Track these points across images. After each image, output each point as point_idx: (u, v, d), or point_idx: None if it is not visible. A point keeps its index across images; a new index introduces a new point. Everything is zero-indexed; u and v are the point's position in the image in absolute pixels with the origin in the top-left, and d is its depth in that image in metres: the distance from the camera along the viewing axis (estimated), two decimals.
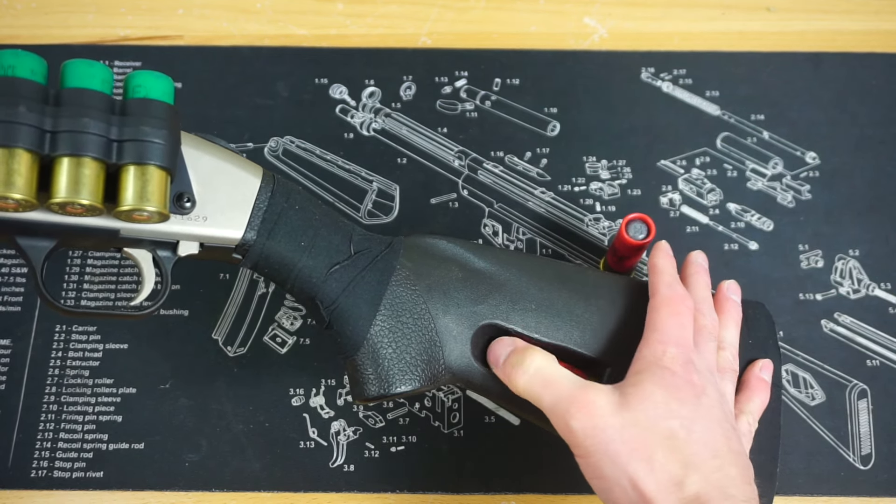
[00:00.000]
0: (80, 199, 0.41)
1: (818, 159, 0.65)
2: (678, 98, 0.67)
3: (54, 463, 0.56)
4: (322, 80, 0.67)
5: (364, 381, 0.48)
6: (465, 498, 0.56)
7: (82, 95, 0.42)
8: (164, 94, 0.44)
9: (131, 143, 0.42)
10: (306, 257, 0.48)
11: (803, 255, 0.62)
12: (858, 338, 0.60)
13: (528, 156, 0.65)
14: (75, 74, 0.43)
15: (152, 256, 0.48)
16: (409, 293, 0.49)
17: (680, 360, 0.46)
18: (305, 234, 0.48)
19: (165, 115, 0.44)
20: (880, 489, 0.56)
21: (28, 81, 0.41)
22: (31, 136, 0.40)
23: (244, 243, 0.47)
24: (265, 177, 0.48)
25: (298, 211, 0.49)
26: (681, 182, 0.64)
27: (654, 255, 0.52)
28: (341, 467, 0.57)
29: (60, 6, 0.69)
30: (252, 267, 0.49)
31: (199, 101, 0.66)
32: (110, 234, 0.45)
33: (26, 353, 0.59)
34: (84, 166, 0.41)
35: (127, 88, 0.44)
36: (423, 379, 0.48)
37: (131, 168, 0.43)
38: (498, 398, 0.51)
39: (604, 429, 0.43)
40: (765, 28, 0.70)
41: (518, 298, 0.50)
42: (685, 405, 0.44)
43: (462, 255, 0.51)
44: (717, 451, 0.43)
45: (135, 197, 0.43)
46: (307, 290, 0.49)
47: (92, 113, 0.42)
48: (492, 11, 0.70)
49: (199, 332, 0.60)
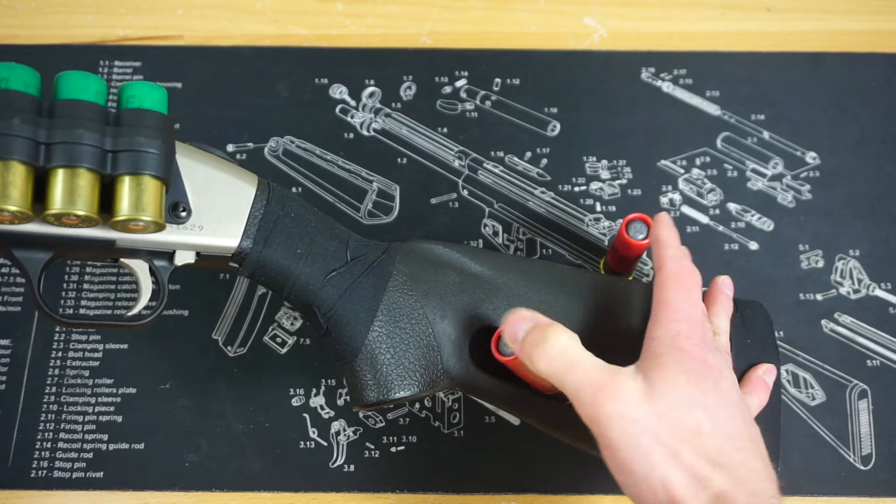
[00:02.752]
0: (76, 209, 0.41)
1: (818, 159, 0.65)
2: (678, 98, 0.67)
3: (54, 463, 0.56)
4: (322, 80, 0.67)
5: (363, 387, 0.48)
6: (465, 498, 0.56)
7: (76, 107, 0.42)
8: (157, 104, 0.44)
9: (126, 153, 0.43)
10: (303, 264, 0.48)
11: (803, 255, 0.62)
12: (859, 338, 0.60)
13: (528, 156, 0.65)
14: (69, 86, 0.43)
15: (149, 266, 0.48)
16: (406, 298, 0.49)
17: (694, 339, 0.44)
18: (301, 241, 0.48)
19: (160, 124, 0.44)
20: (881, 489, 0.56)
21: (22, 94, 0.41)
22: (25, 148, 0.41)
23: (240, 252, 0.47)
24: (260, 185, 0.48)
25: (294, 218, 0.49)
26: (681, 182, 0.64)
27: (657, 227, 0.51)
28: (341, 467, 0.57)
29: (60, 6, 0.69)
30: (249, 275, 0.49)
31: (199, 101, 0.66)
32: (106, 245, 0.45)
33: (26, 353, 0.59)
34: (79, 177, 0.42)
35: (121, 99, 0.44)
36: (421, 384, 0.48)
37: (126, 178, 0.43)
38: (497, 402, 0.51)
39: (633, 420, 0.41)
40: (765, 28, 0.70)
41: (515, 302, 0.50)
42: (707, 393, 0.43)
43: (458, 260, 0.51)
44: (741, 444, 0.42)
45: (130, 207, 0.43)
46: (304, 298, 0.49)
47: (86, 124, 0.42)
48: (492, 11, 0.70)
49: (199, 332, 0.60)
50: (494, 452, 0.57)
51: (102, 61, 0.67)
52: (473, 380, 0.49)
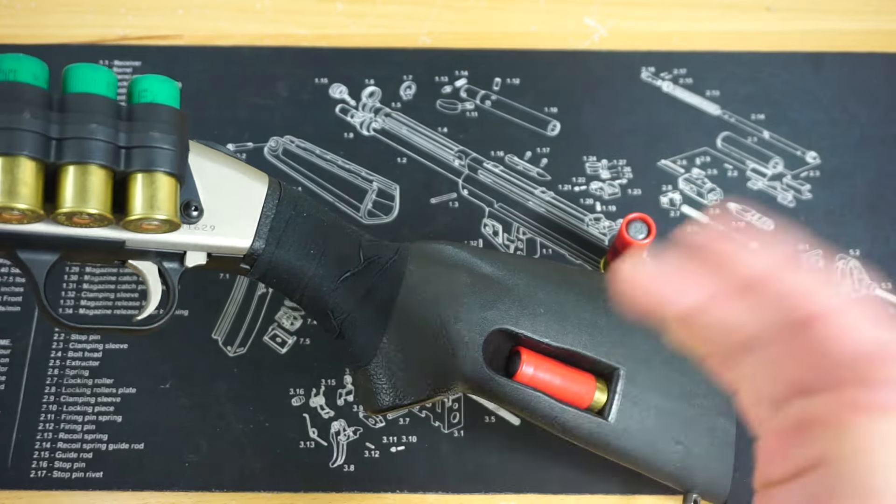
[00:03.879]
0: (88, 208, 0.40)
1: (819, 159, 0.65)
2: (678, 98, 0.67)
3: (54, 463, 0.56)
4: (322, 80, 0.67)
5: (377, 392, 0.47)
6: (465, 498, 0.56)
7: (88, 100, 0.40)
8: (170, 98, 0.43)
9: (140, 149, 0.41)
10: (316, 266, 0.47)
11: (804, 255, 0.62)
12: None
13: (528, 155, 0.65)
14: (80, 79, 0.41)
15: (158, 269, 0.46)
16: (419, 300, 0.48)
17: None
18: (315, 242, 0.47)
19: (174, 120, 0.42)
20: None
21: (31, 86, 0.39)
22: (36, 143, 0.39)
23: (252, 252, 0.46)
24: (271, 184, 0.47)
25: (307, 218, 0.47)
26: (681, 182, 0.64)
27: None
28: (341, 467, 0.57)
29: (60, 6, 0.69)
30: (260, 277, 0.48)
31: (199, 101, 0.66)
32: (116, 246, 0.44)
33: (26, 353, 0.59)
34: (91, 174, 0.40)
35: (132, 93, 0.43)
36: (436, 387, 0.47)
37: (139, 175, 0.41)
38: (511, 406, 0.50)
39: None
40: (765, 28, 0.70)
41: (527, 303, 0.49)
42: None
43: (469, 261, 0.50)
44: None
45: (144, 205, 0.41)
46: (318, 300, 0.48)
47: (99, 118, 0.40)
48: (492, 11, 0.70)
49: (199, 332, 0.60)
50: (495, 452, 0.57)
51: (102, 61, 0.67)
52: (488, 383, 0.48)
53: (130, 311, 0.60)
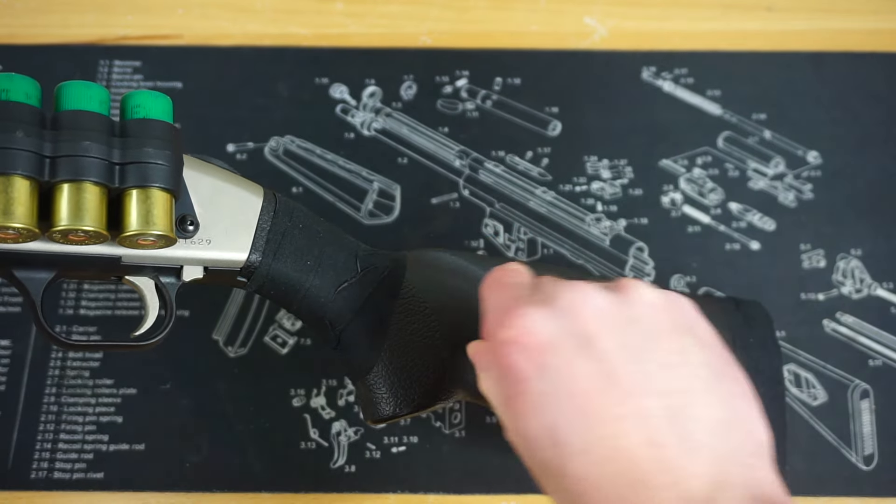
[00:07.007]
0: (84, 225, 0.40)
1: (820, 158, 0.65)
2: (679, 97, 0.67)
3: (54, 464, 0.56)
4: (322, 80, 0.67)
5: (378, 401, 0.47)
6: (466, 498, 0.56)
7: (81, 118, 0.40)
8: (163, 113, 0.43)
9: (134, 165, 0.41)
10: (313, 277, 0.47)
11: (805, 255, 0.62)
12: (860, 337, 0.60)
13: (529, 155, 0.65)
14: (72, 96, 0.41)
15: (155, 284, 0.46)
16: (418, 309, 0.48)
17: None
18: (311, 253, 0.47)
19: (167, 135, 0.42)
20: (883, 490, 0.56)
21: (24, 105, 0.39)
22: (29, 162, 0.39)
23: (249, 265, 0.46)
24: (266, 196, 0.47)
25: (302, 230, 0.47)
26: (682, 181, 0.64)
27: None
28: (342, 468, 0.57)
29: (60, 6, 0.69)
30: (257, 290, 0.48)
31: (199, 100, 0.66)
32: (112, 262, 0.44)
33: (26, 353, 0.59)
34: (86, 191, 0.40)
35: (125, 109, 0.43)
36: (436, 395, 0.48)
37: (134, 192, 0.41)
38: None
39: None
40: (766, 27, 0.70)
41: None
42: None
43: (467, 268, 0.50)
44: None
45: (140, 221, 0.41)
46: (315, 311, 0.48)
47: (92, 135, 0.40)
48: (492, 11, 0.70)
49: (200, 332, 0.59)
50: (496, 453, 0.57)
51: (102, 61, 0.67)
52: None
53: (131, 312, 0.60)
